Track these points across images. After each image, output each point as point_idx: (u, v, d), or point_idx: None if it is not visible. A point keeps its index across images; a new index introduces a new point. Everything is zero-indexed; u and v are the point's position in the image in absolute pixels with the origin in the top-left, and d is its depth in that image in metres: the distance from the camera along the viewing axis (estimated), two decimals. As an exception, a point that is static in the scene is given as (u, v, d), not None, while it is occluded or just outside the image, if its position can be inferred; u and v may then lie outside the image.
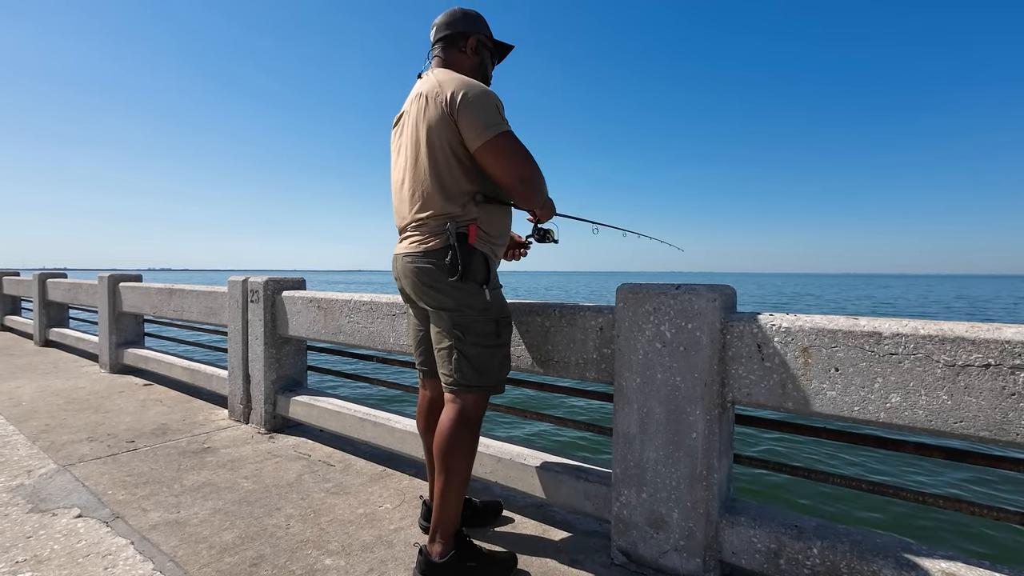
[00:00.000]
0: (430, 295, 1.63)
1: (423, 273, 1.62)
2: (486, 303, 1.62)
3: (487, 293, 1.62)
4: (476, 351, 1.61)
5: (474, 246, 1.60)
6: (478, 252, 1.61)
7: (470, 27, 1.72)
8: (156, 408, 3.65)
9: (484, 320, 1.62)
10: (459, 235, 1.58)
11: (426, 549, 1.61)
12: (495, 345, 1.65)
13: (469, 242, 1.59)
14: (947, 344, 1.27)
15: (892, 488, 1.50)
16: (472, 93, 1.55)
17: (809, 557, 1.46)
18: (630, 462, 1.70)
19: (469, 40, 1.72)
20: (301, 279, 3.36)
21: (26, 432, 3.10)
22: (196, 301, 3.97)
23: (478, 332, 1.61)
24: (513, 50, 1.85)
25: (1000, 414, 1.21)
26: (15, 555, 1.79)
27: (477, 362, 1.61)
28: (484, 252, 1.63)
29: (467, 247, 1.58)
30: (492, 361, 1.64)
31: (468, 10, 1.74)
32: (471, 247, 1.59)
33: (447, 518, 1.61)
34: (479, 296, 1.61)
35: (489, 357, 1.63)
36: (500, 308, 1.68)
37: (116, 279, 4.95)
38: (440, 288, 1.60)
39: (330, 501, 2.22)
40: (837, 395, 1.40)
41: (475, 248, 1.60)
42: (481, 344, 1.62)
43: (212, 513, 2.11)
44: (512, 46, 1.84)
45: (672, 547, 1.63)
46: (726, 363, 1.58)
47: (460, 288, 1.59)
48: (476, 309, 1.61)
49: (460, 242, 1.57)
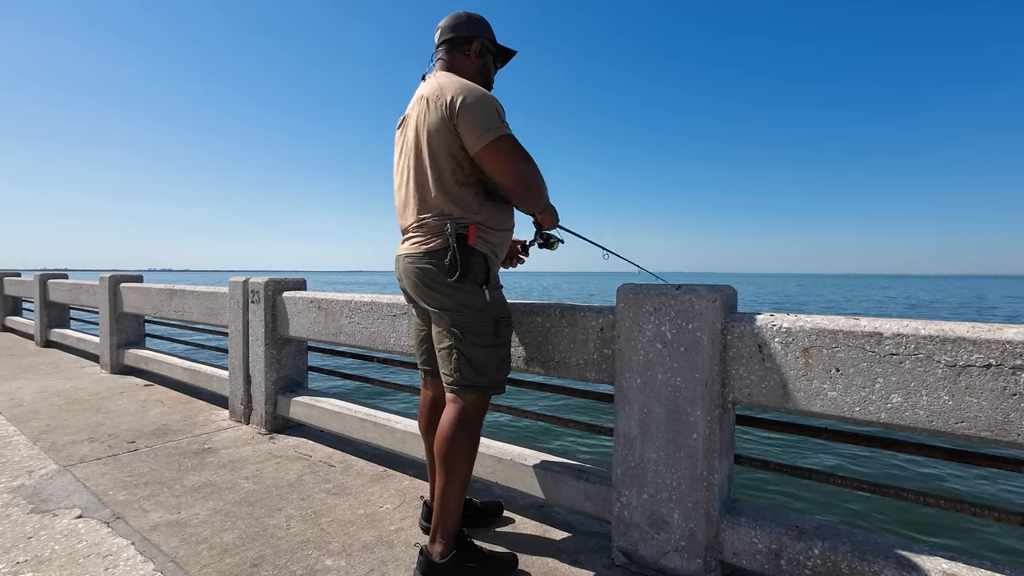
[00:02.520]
0: (430, 295, 1.64)
1: (423, 274, 1.63)
2: (485, 303, 1.63)
3: (486, 293, 1.63)
4: (475, 351, 1.62)
5: (474, 247, 1.61)
6: (477, 253, 1.62)
7: (474, 31, 1.73)
8: (157, 409, 3.66)
9: (483, 320, 1.63)
10: (458, 236, 1.59)
11: (427, 549, 1.62)
12: (494, 345, 1.65)
13: (468, 243, 1.60)
14: (948, 344, 1.26)
15: (893, 488, 1.50)
16: (472, 97, 1.56)
17: (810, 558, 1.46)
18: (631, 462, 1.70)
19: (473, 44, 1.73)
20: (302, 280, 3.36)
21: (27, 433, 3.10)
22: (197, 302, 3.97)
23: (478, 332, 1.62)
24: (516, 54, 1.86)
25: (1001, 414, 1.21)
26: (16, 555, 1.79)
27: (477, 362, 1.62)
28: (484, 253, 1.64)
29: (466, 248, 1.59)
30: (491, 361, 1.65)
31: (472, 14, 1.74)
32: (470, 248, 1.60)
33: (448, 518, 1.61)
34: (478, 296, 1.62)
35: (488, 357, 1.64)
36: (500, 308, 1.69)
37: (117, 280, 4.95)
38: (440, 288, 1.61)
39: (331, 502, 2.22)
40: (838, 395, 1.40)
41: (475, 249, 1.61)
42: (480, 344, 1.62)
43: (213, 513, 2.11)
44: (515, 51, 1.85)
45: (673, 548, 1.63)
46: (727, 363, 1.58)
47: (459, 288, 1.60)
48: (475, 309, 1.62)
49: (459, 243, 1.58)
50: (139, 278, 5.04)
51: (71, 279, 6.26)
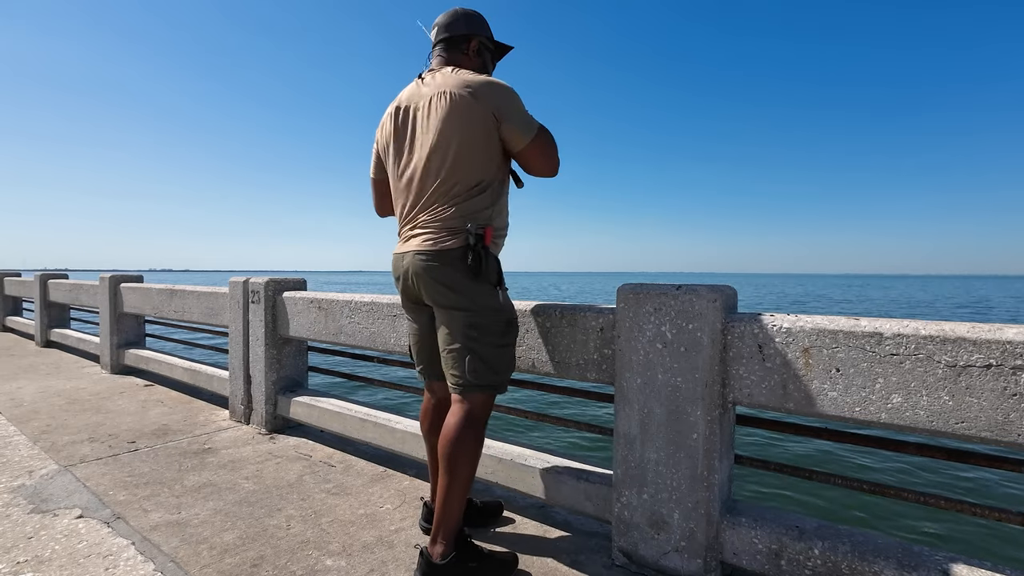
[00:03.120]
0: (445, 294, 1.61)
1: (438, 272, 1.60)
2: (499, 304, 1.65)
3: (500, 294, 1.65)
4: (489, 351, 1.63)
5: (489, 247, 1.63)
6: (492, 254, 1.64)
7: (472, 29, 1.72)
8: (157, 409, 3.66)
9: (498, 320, 1.64)
10: (478, 236, 1.59)
11: (427, 551, 1.61)
12: (505, 344, 1.67)
13: (486, 243, 1.61)
14: (948, 345, 1.26)
15: (893, 489, 1.50)
16: (507, 92, 1.62)
17: (810, 558, 1.46)
18: (631, 463, 1.70)
19: (471, 43, 1.72)
20: (302, 280, 3.36)
21: (27, 433, 3.10)
22: (197, 302, 3.97)
23: (492, 332, 1.63)
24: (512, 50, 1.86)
25: (1002, 415, 1.21)
26: (16, 556, 1.79)
27: (491, 361, 1.63)
28: (494, 254, 1.66)
29: (485, 248, 1.60)
30: (503, 360, 1.67)
31: (469, 11, 1.73)
32: (487, 248, 1.61)
33: (449, 519, 1.61)
34: (493, 297, 1.63)
35: (501, 356, 1.66)
36: (510, 308, 1.71)
37: (117, 280, 4.95)
38: (457, 288, 1.60)
39: (331, 502, 2.22)
40: (838, 396, 1.40)
41: (489, 250, 1.63)
42: (494, 344, 1.64)
43: (213, 514, 2.11)
44: (511, 47, 1.84)
45: (673, 548, 1.63)
46: (727, 364, 1.58)
47: (476, 289, 1.61)
48: (491, 309, 1.63)
49: (479, 242, 1.59)
50: (139, 278, 5.04)
51: (71, 279, 6.26)
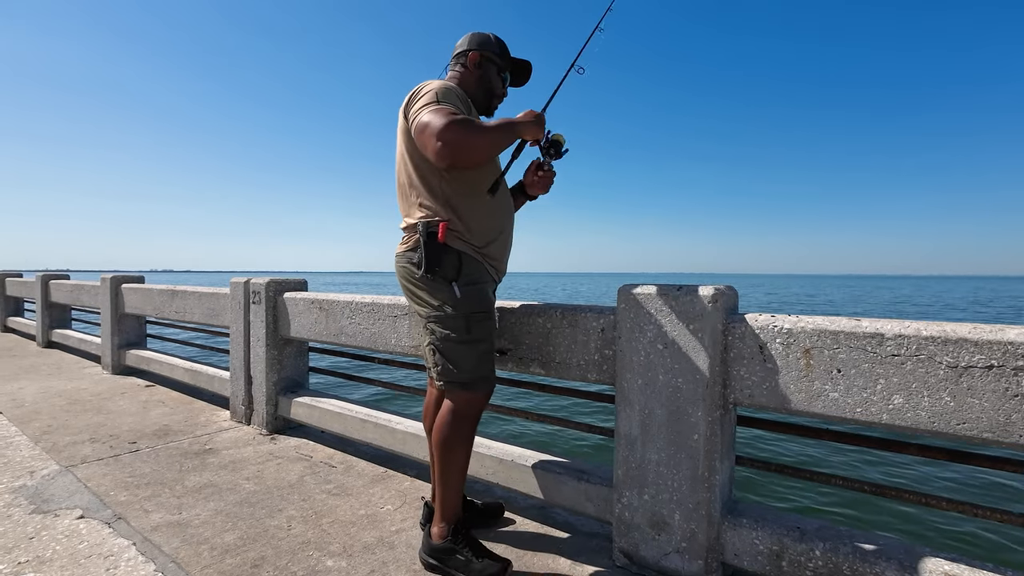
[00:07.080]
0: (407, 294, 1.76)
1: (401, 272, 1.75)
2: (455, 300, 1.66)
3: (456, 289, 1.66)
4: (448, 346, 1.67)
5: (446, 244, 1.65)
6: (451, 250, 1.66)
7: (474, 45, 1.83)
8: (158, 409, 3.66)
9: (455, 316, 1.66)
10: (429, 234, 1.64)
11: (429, 529, 1.75)
12: (468, 341, 1.67)
13: (439, 240, 1.64)
14: (949, 345, 1.26)
15: (894, 490, 1.50)
16: (418, 89, 1.66)
17: (811, 559, 1.46)
18: (632, 463, 1.70)
19: (471, 56, 1.82)
20: (303, 280, 3.36)
21: (29, 433, 3.10)
22: (198, 303, 3.97)
23: (449, 327, 1.66)
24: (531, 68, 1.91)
25: (1003, 416, 1.21)
26: (18, 556, 1.79)
27: (451, 357, 1.67)
28: (458, 250, 1.67)
29: (436, 245, 1.64)
30: (468, 357, 1.67)
31: (479, 32, 1.85)
32: (441, 245, 1.64)
33: (447, 507, 1.71)
34: (447, 293, 1.66)
35: (464, 353, 1.67)
36: (472, 304, 1.68)
37: (118, 280, 4.96)
38: (412, 286, 1.71)
39: (331, 502, 2.22)
40: (839, 396, 1.40)
41: (447, 246, 1.65)
42: (452, 340, 1.66)
43: (214, 514, 2.11)
44: (528, 63, 1.90)
45: (674, 549, 1.63)
46: (728, 364, 1.58)
47: (429, 285, 1.67)
48: (448, 306, 1.66)
49: (429, 240, 1.64)
50: (140, 279, 5.05)
51: (73, 280, 6.27)
